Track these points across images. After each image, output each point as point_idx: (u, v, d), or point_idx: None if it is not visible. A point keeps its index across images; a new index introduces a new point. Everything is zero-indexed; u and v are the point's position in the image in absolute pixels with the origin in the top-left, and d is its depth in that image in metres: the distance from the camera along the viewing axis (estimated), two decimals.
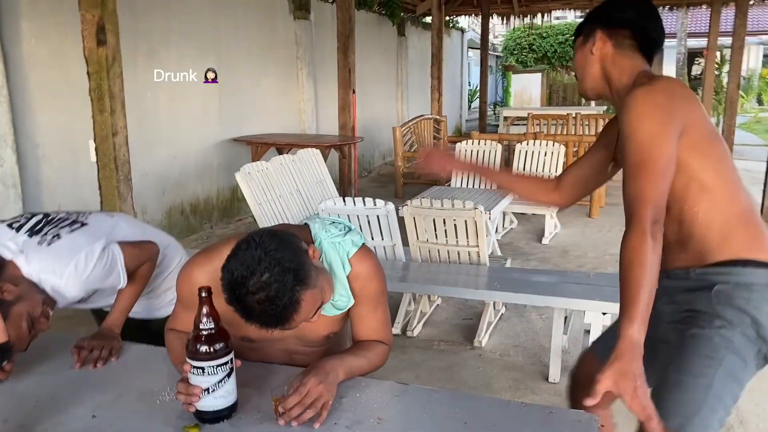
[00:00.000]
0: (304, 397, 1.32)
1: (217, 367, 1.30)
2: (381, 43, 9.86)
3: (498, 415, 1.35)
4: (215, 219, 6.11)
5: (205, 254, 1.53)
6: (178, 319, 1.59)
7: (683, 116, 1.43)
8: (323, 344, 1.63)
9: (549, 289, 3.11)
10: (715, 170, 1.48)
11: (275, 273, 1.24)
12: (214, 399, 1.31)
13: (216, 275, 1.41)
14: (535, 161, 5.87)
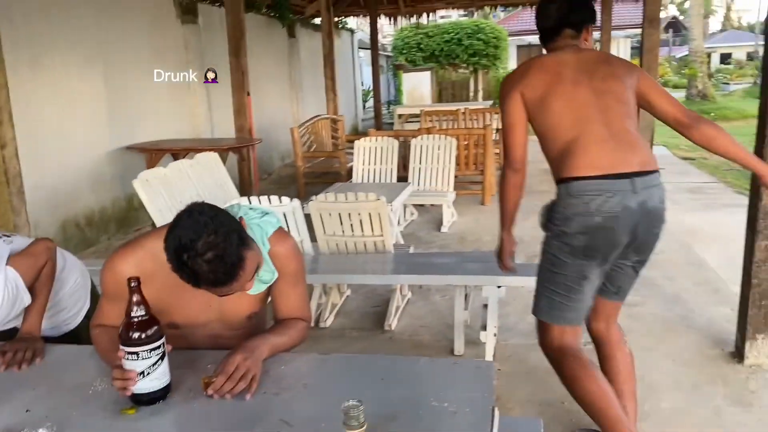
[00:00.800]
0: (233, 373, 1.43)
1: (151, 351, 1.39)
2: (272, 45, 9.88)
3: (410, 370, 1.53)
4: (112, 230, 5.95)
5: (128, 246, 1.62)
6: (104, 314, 1.65)
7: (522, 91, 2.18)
8: (246, 326, 1.73)
9: (449, 269, 3.35)
10: (544, 121, 2.15)
11: (221, 234, 1.36)
12: (149, 381, 1.40)
13: (141, 265, 1.52)
14: (429, 154, 6.15)
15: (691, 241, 5.25)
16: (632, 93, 2.13)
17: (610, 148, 2.03)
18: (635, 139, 2.07)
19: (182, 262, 1.37)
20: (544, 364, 3.11)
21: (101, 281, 1.62)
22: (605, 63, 2.20)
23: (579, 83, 2.11)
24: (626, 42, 27.75)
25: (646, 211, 2.02)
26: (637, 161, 2.03)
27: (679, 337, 3.40)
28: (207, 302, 1.64)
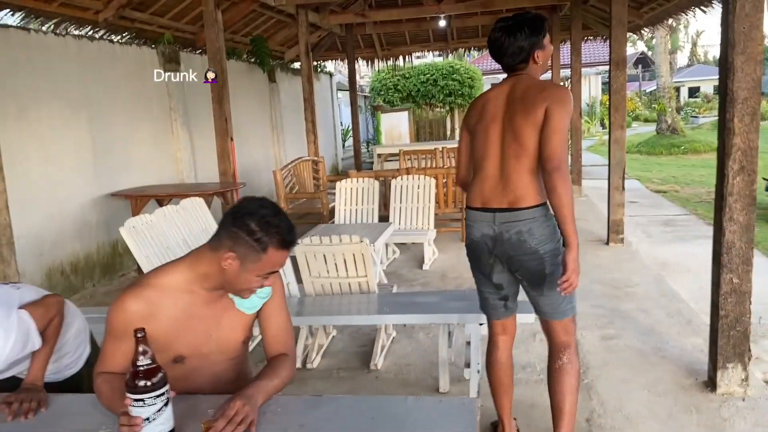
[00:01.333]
0: (232, 417, 1.53)
1: (156, 397, 1.48)
2: (253, 90, 10.08)
3: (398, 408, 1.63)
4: (97, 276, 5.99)
5: (134, 285, 1.75)
6: (108, 357, 1.74)
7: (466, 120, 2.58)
8: (240, 352, 1.91)
9: (432, 308, 3.47)
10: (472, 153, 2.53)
11: (274, 204, 1.75)
12: (154, 427, 1.48)
13: (149, 301, 1.69)
14: (409, 194, 6.31)
15: (664, 273, 5.43)
16: (534, 129, 2.34)
17: (491, 186, 2.44)
18: (515, 180, 2.39)
19: (267, 218, 1.66)
20: (528, 399, 3.24)
21: (108, 321, 1.72)
22: (522, 99, 2.39)
23: (495, 120, 2.45)
24: (597, 78, 28.55)
25: (501, 239, 2.43)
26: (507, 200, 2.40)
27: (654, 368, 3.53)
28: (208, 333, 1.80)
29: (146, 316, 1.69)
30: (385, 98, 17.20)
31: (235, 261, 1.68)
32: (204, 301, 1.79)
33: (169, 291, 1.74)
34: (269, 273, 1.72)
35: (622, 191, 6.34)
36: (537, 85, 2.41)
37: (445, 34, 12.82)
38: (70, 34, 6.00)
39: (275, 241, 1.67)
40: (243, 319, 1.86)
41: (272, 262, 1.69)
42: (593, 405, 3.14)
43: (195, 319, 1.77)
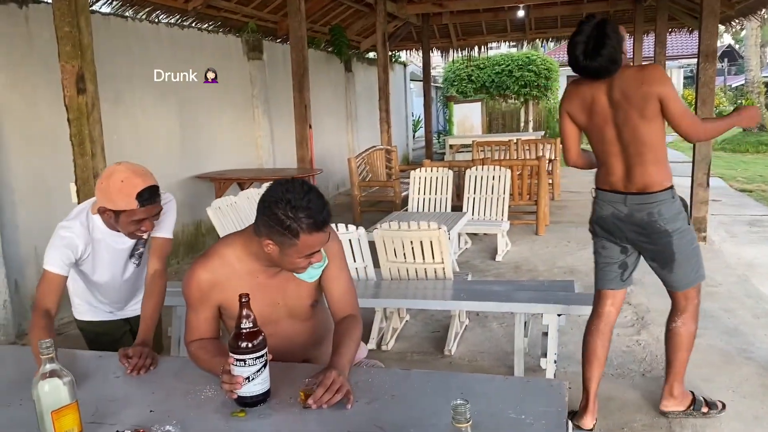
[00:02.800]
0: (329, 386, 1.60)
1: (256, 359, 1.58)
2: (330, 79, 10.25)
3: (486, 386, 1.67)
4: (181, 254, 6.27)
5: (203, 257, 1.85)
6: (194, 327, 1.86)
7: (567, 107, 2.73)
8: (311, 315, 1.97)
9: (509, 296, 3.48)
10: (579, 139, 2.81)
11: (309, 186, 1.73)
12: (253, 386, 1.59)
13: (217, 271, 1.81)
14: (484, 185, 6.29)
15: (750, 274, 5.22)
16: (652, 122, 2.50)
17: (618, 179, 2.67)
18: (640, 173, 2.60)
19: (296, 203, 1.65)
20: (603, 392, 3.20)
21: (184, 294, 1.83)
22: (627, 98, 2.51)
23: (606, 123, 2.61)
24: (679, 72, 27.46)
25: (632, 219, 2.66)
26: (636, 187, 2.62)
27: (739, 369, 3.43)
28: (275, 301, 1.88)
29: (215, 284, 1.80)
30: (458, 89, 17.12)
31: (274, 247, 1.72)
32: (266, 273, 1.85)
33: (233, 261, 1.83)
34: (312, 253, 1.73)
35: (707, 188, 6.12)
36: (633, 79, 2.49)
37: (523, 24, 12.63)
38: (162, 22, 6.28)
39: (305, 226, 1.66)
40: (307, 286, 1.91)
41: (308, 245, 1.70)
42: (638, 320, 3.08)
43: (260, 289, 1.82)
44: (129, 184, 2.06)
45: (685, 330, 2.81)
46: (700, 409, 2.90)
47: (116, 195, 2.06)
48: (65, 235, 2.14)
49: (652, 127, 2.50)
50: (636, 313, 4.34)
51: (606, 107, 2.58)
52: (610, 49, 2.44)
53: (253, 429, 1.52)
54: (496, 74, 16.82)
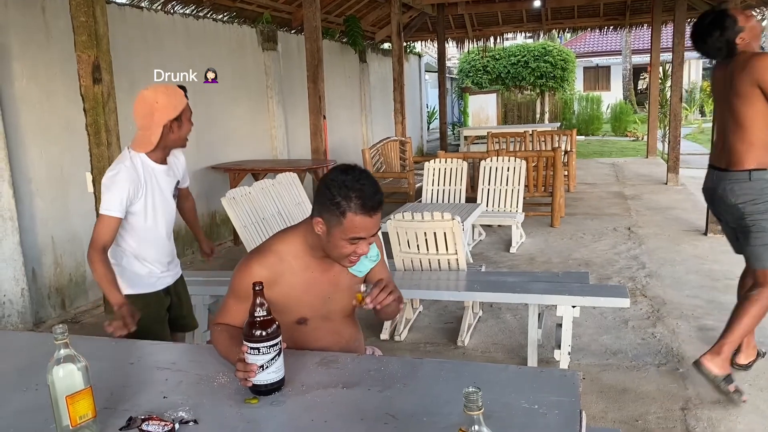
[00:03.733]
0: (384, 288, 1.74)
1: (270, 347, 1.58)
2: (344, 70, 10.23)
3: (500, 376, 1.66)
4: (197, 244, 6.30)
5: (259, 251, 1.89)
6: (229, 312, 1.88)
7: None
8: (353, 312, 2.04)
9: (523, 287, 3.46)
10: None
11: (366, 173, 1.78)
12: (267, 374, 1.59)
13: (272, 267, 1.83)
14: (499, 176, 6.26)
15: None
16: (749, 107, 2.79)
17: (717, 151, 3.05)
18: (729, 149, 2.91)
19: (349, 183, 1.71)
20: (618, 384, 3.19)
21: (234, 280, 1.86)
22: (733, 82, 2.83)
23: (719, 100, 3.05)
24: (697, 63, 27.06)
25: (715, 192, 3.02)
26: (724, 162, 2.95)
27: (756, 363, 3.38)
28: (325, 295, 1.92)
29: (269, 282, 1.79)
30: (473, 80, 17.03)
31: (323, 226, 1.77)
32: (319, 267, 1.90)
33: (288, 258, 1.87)
34: (356, 238, 1.76)
35: None
36: (741, 65, 2.79)
37: (539, 15, 12.52)
38: (177, 13, 6.29)
39: (353, 205, 1.70)
40: (356, 280, 1.97)
41: (354, 226, 1.73)
42: (689, 394, 3.06)
43: (313, 284, 1.89)
44: (169, 88, 2.47)
45: (757, 300, 2.93)
46: (728, 386, 2.91)
47: (173, 98, 2.44)
48: (116, 177, 2.37)
49: (749, 110, 2.78)
50: (652, 305, 4.30)
51: (720, 87, 2.96)
52: (713, 37, 2.85)
53: (266, 416, 1.52)
54: (512, 65, 16.71)
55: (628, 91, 24.18)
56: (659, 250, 5.68)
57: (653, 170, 10.61)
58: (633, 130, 17.22)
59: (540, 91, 17.02)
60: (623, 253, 5.68)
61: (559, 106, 17.34)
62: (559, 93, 17.35)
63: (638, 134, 16.40)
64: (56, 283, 4.62)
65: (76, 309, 4.71)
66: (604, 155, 13.55)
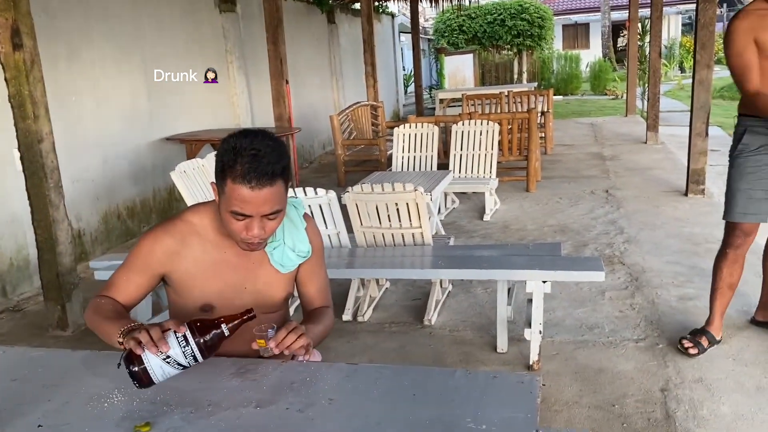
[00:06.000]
0: (292, 330, 1.48)
1: (193, 358, 1.39)
2: (311, 32, 9.78)
3: (444, 384, 1.40)
4: (153, 221, 5.97)
5: (169, 220, 1.68)
6: (119, 284, 1.65)
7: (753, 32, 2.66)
8: (281, 309, 1.78)
9: (491, 263, 3.20)
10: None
11: (279, 144, 1.52)
12: (158, 365, 1.36)
13: (181, 237, 1.63)
14: (471, 140, 5.96)
15: None
16: None
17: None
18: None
19: (239, 146, 1.46)
20: (593, 363, 2.96)
21: (135, 250, 1.65)
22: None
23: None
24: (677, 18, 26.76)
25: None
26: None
27: (740, 333, 3.18)
28: (241, 284, 1.68)
29: (172, 252, 1.62)
30: (449, 40, 16.59)
31: (216, 192, 1.56)
32: (234, 251, 1.65)
33: (199, 230, 1.65)
34: (240, 214, 1.49)
35: (705, 138, 5.80)
36: None
37: None
38: None
39: (234, 172, 1.45)
40: (282, 276, 1.71)
41: (234, 198, 1.47)
42: (669, 373, 2.84)
43: (225, 267, 1.65)
44: None
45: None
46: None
47: None
48: None
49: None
50: (630, 274, 4.08)
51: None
52: None
53: None
54: (488, 24, 16.27)
55: (608, 48, 23.82)
56: (638, 214, 5.46)
57: (633, 129, 10.37)
58: (612, 88, 16.92)
59: (518, 50, 16.61)
60: (601, 217, 5.44)
61: (537, 65, 16.95)
62: (537, 52, 16.95)
63: (617, 92, 16.12)
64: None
65: (20, 296, 4.40)
66: (583, 115, 13.27)
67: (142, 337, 1.35)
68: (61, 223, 3.65)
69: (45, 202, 3.56)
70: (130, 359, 1.36)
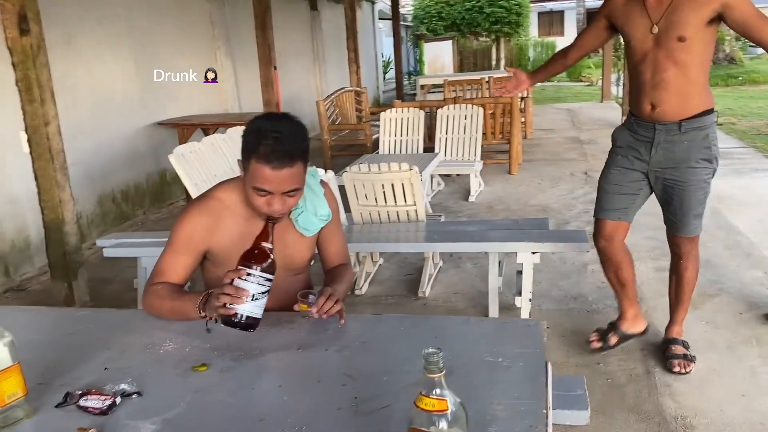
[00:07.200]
0: (329, 297, 1.64)
1: (266, 280, 1.51)
2: (295, 18, 9.87)
3: (461, 329, 1.60)
4: (147, 204, 6.09)
5: (200, 199, 1.81)
6: (167, 268, 1.77)
7: None
8: (305, 271, 1.94)
9: (482, 236, 3.41)
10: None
11: (300, 127, 1.66)
12: (252, 307, 1.50)
13: (214, 214, 1.75)
14: (456, 124, 6.17)
15: (721, 207, 5.23)
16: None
17: None
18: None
19: (263, 128, 1.59)
20: (579, 328, 3.19)
21: (174, 232, 1.76)
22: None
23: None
24: None
25: None
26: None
27: (711, 301, 3.44)
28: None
29: (211, 229, 1.74)
30: (428, 27, 16.73)
31: (241, 169, 1.69)
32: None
33: (230, 205, 1.78)
34: (262, 190, 1.62)
35: None
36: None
37: None
38: None
39: (258, 152, 1.58)
40: (306, 239, 1.87)
41: (257, 175, 1.60)
42: (647, 336, 3.08)
43: (256, 235, 1.77)
44: None
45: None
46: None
47: None
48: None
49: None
50: None
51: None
52: None
53: (215, 383, 1.43)
54: (467, 11, 16.44)
55: None
56: None
57: (608, 114, 10.66)
58: (588, 75, 17.25)
59: (495, 37, 16.83)
60: (580, 197, 5.69)
61: (514, 52, 17.21)
62: (515, 39, 17.20)
63: (593, 79, 16.44)
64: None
65: (21, 276, 4.50)
66: (560, 101, 13.56)
67: (224, 299, 1.49)
68: (67, 204, 3.77)
69: (52, 183, 3.67)
70: (228, 320, 1.51)
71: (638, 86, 2.42)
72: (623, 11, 2.40)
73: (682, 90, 2.34)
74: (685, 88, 2.34)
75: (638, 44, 2.35)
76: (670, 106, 2.36)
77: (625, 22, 2.40)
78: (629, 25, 2.38)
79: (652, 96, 2.38)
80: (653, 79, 2.35)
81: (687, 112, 2.38)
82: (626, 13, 2.39)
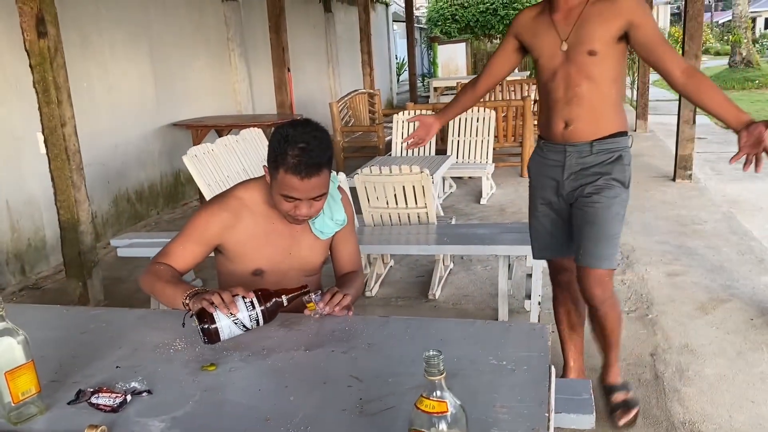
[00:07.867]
0: (335, 294, 1.69)
1: (255, 320, 1.60)
2: (309, 20, 9.93)
3: (467, 331, 1.61)
4: (161, 204, 6.15)
5: (222, 196, 1.87)
6: (171, 253, 1.83)
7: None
8: (318, 273, 1.99)
9: (493, 239, 3.42)
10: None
11: (325, 136, 1.71)
12: (228, 324, 1.57)
13: (234, 212, 1.81)
14: (468, 127, 6.17)
15: (735, 211, 5.20)
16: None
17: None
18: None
19: (290, 137, 1.65)
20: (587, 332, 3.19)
21: (191, 221, 1.83)
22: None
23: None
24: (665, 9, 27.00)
25: None
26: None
27: (723, 306, 3.43)
28: (288, 250, 1.87)
29: (228, 226, 1.80)
30: (442, 29, 16.74)
31: (268, 175, 1.74)
32: (281, 220, 1.85)
33: (249, 204, 1.84)
34: (289, 197, 1.70)
35: (693, 125, 6.05)
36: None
37: None
38: None
39: (287, 163, 1.64)
40: (321, 242, 1.92)
41: (286, 184, 1.67)
42: (657, 340, 3.08)
43: (274, 235, 1.85)
44: None
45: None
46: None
47: None
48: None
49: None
50: (621, 252, 4.30)
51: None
52: None
53: (224, 383, 1.45)
54: (481, 13, 16.43)
55: None
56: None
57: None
58: None
59: None
60: None
61: None
62: None
63: None
64: (14, 249, 4.46)
65: (37, 275, 4.57)
66: None
67: (215, 299, 1.55)
68: (83, 204, 3.83)
69: (68, 183, 3.73)
70: (202, 318, 1.56)
71: (550, 105, 2.26)
72: (531, 29, 2.30)
73: (595, 105, 2.20)
74: (598, 103, 2.20)
75: (548, 61, 2.24)
76: (583, 123, 2.21)
77: (534, 40, 2.29)
78: (538, 42, 2.27)
79: (565, 113, 2.22)
80: (566, 95, 2.20)
81: (599, 132, 2.22)
82: (534, 30, 2.28)
